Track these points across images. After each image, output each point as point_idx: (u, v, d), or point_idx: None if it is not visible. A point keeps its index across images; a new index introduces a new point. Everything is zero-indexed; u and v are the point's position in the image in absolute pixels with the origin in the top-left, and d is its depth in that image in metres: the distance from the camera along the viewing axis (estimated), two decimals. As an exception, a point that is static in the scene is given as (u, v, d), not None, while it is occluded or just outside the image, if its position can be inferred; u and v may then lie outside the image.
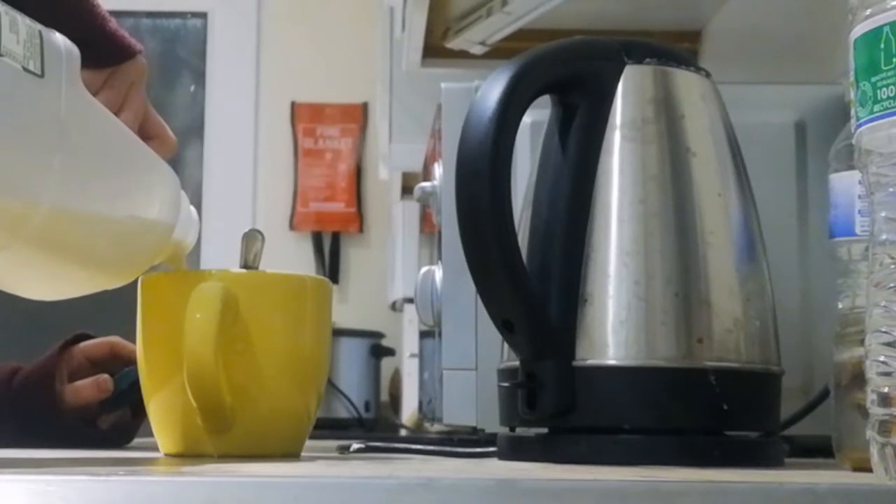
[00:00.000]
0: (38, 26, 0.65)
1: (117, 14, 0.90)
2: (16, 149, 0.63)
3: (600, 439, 0.72)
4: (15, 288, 0.72)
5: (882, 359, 0.56)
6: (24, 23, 0.64)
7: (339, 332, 2.41)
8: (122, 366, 1.04)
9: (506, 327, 0.73)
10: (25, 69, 0.63)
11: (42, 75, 0.64)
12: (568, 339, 0.72)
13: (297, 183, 3.20)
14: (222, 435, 0.75)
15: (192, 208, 0.83)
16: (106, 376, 1.01)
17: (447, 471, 0.61)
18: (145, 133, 0.87)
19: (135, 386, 0.84)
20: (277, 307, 0.78)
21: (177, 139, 0.91)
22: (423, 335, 1.48)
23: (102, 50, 0.86)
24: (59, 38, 0.67)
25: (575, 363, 0.72)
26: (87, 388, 1.00)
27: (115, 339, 1.06)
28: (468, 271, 0.73)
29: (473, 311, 0.99)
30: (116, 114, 0.81)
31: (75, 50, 0.68)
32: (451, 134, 1.02)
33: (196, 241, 0.84)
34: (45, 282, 0.74)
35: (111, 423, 1.03)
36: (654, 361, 0.72)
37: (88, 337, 1.06)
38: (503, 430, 0.79)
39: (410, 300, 2.21)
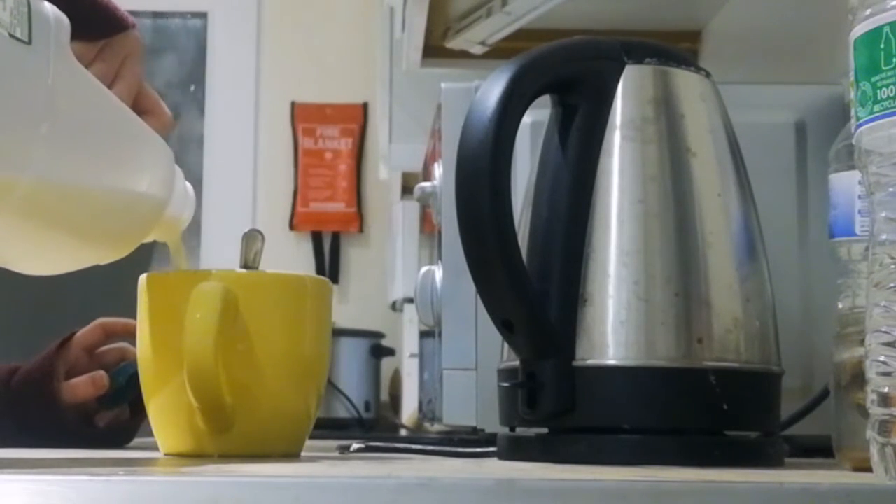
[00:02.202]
0: None
1: (117, 14, 0.90)
2: (0, 117, 0.63)
3: (600, 439, 0.72)
4: (4, 261, 0.71)
5: (882, 359, 0.56)
6: None
7: (339, 332, 2.41)
8: (119, 353, 1.04)
9: (506, 327, 0.73)
10: (12, 36, 0.63)
11: (29, 42, 0.64)
12: (568, 339, 0.72)
13: (297, 183, 3.20)
14: (222, 435, 0.75)
15: (188, 185, 0.82)
16: (101, 372, 1.01)
17: (447, 471, 0.61)
18: (139, 108, 0.86)
19: (133, 380, 0.83)
20: (277, 307, 0.78)
21: (172, 115, 0.90)
22: (423, 335, 1.48)
23: (94, 21, 0.85)
24: (48, 7, 0.67)
25: (575, 363, 0.72)
26: (83, 386, 1.00)
27: (102, 320, 1.06)
28: (468, 271, 0.73)
29: (473, 311, 0.99)
30: (109, 87, 0.81)
31: (65, 19, 0.68)
32: (451, 134, 1.02)
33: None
34: (34, 255, 0.73)
35: (108, 421, 1.03)
36: (654, 361, 0.72)
37: None
38: (503, 430, 0.79)
39: (410, 300, 2.21)
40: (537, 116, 0.80)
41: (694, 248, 0.73)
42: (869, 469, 0.57)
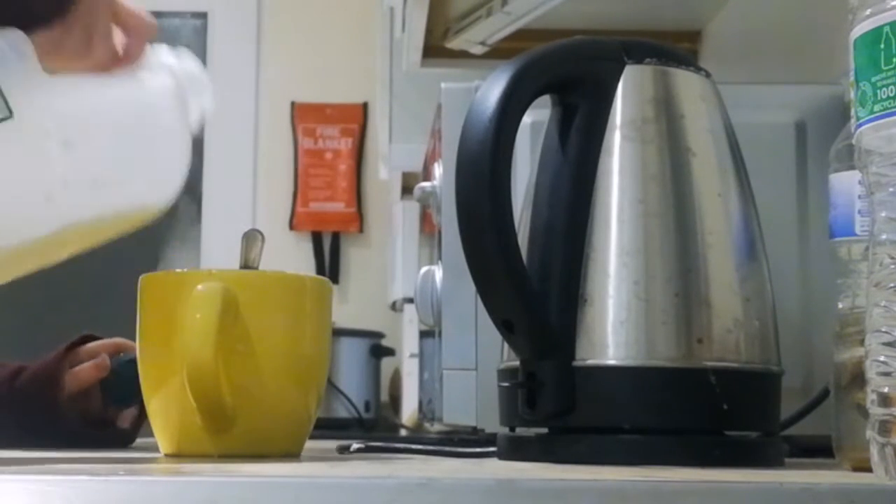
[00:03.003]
0: None
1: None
2: (10, 202, 0.64)
3: (600, 439, 0.72)
4: None
5: (882, 359, 0.56)
6: None
7: (339, 332, 2.41)
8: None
9: (506, 327, 0.73)
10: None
11: (11, 115, 0.64)
12: (568, 339, 0.72)
13: (297, 183, 3.20)
14: (222, 435, 0.75)
15: (195, 67, 0.81)
16: (104, 355, 1.01)
17: (447, 471, 0.61)
18: (123, 29, 0.83)
19: (134, 364, 0.82)
20: (277, 307, 0.78)
21: (155, 21, 0.87)
22: (423, 335, 1.48)
23: (40, 7, 0.81)
24: (8, 49, 0.66)
25: (575, 363, 0.72)
26: (86, 370, 1.01)
27: (120, 340, 1.06)
28: (468, 271, 0.73)
29: (473, 311, 0.99)
30: (89, 48, 0.78)
31: (22, 41, 0.66)
32: (451, 134, 1.02)
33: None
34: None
35: (132, 420, 1.04)
36: (654, 361, 0.72)
37: (94, 338, 1.06)
38: (503, 430, 0.79)
39: (410, 300, 2.21)
40: (537, 116, 0.80)
41: (694, 248, 0.73)
42: (869, 469, 0.57)
